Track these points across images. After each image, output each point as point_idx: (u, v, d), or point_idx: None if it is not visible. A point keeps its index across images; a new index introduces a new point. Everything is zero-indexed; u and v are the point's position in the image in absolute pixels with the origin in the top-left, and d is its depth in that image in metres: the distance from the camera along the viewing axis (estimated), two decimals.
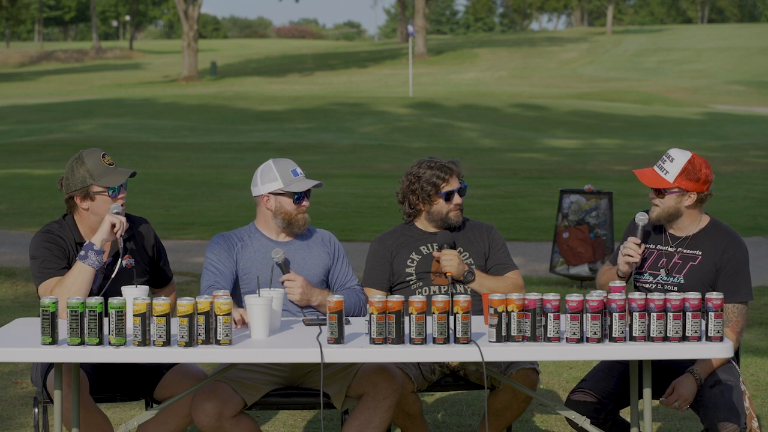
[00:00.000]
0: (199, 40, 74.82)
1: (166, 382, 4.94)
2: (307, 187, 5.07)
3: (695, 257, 4.91)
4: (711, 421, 4.71)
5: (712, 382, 4.81)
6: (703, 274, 4.88)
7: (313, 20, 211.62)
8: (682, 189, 4.86)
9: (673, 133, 35.57)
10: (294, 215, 5.08)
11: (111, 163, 4.96)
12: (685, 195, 4.88)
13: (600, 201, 10.40)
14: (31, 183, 19.68)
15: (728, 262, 4.87)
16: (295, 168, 5.11)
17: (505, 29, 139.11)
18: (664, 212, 4.90)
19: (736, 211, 16.23)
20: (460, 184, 5.31)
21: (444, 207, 5.29)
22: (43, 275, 4.86)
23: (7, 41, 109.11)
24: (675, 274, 4.92)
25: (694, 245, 4.93)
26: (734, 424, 4.68)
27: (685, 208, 4.90)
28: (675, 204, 4.88)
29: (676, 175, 4.85)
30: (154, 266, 5.15)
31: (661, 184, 4.87)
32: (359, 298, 5.12)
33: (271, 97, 46.85)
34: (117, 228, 4.83)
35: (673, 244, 4.96)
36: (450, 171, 5.29)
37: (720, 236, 4.92)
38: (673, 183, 4.86)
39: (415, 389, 5.07)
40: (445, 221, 5.31)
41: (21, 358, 4.85)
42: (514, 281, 5.33)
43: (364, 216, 16.00)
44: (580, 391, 4.93)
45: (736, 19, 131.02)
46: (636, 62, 73.04)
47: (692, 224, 4.94)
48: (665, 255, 4.96)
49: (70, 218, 4.98)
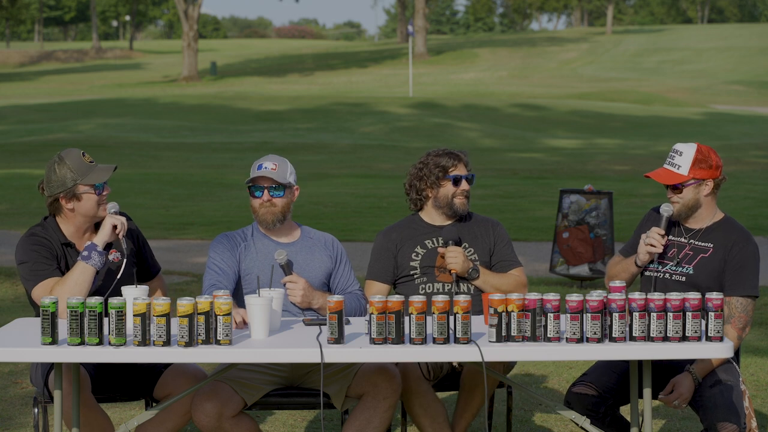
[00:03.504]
0: (199, 40, 74.81)
1: (165, 380, 4.93)
2: (253, 176, 4.99)
3: (707, 249, 4.93)
4: (710, 421, 4.71)
5: (711, 382, 4.81)
6: (713, 268, 4.90)
7: (313, 20, 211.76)
8: (698, 179, 4.91)
9: (673, 133, 35.55)
10: (257, 210, 5.04)
11: (91, 161, 4.92)
12: (702, 184, 4.93)
13: (600, 201, 10.40)
14: (31, 183, 19.63)
15: (736, 255, 4.88)
16: (263, 162, 5.04)
17: (505, 29, 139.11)
18: (684, 207, 4.94)
19: (736, 211, 16.22)
20: (468, 173, 5.34)
21: (451, 190, 5.32)
22: (37, 278, 4.84)
23: (7, 41, 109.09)
24: (685, 264, 4.94)
25: (707, 238, 4.96)
26: (733, 425, 4.68)
27: (704, 198, 4.95)
28: (694, 195, 4.93)
29: (689, 167, 4.91)
30: (139, 258, 5.14)
31: (677, 179, 4.92)
32: (360, 303, 5.11)
33: (271, 97, 46.85)
34: (119, 229, 4.84)
35: (686, 236, 4.99)
36: (458, 158, 5.34)
37: (732, 231, 4.95)
38: (688, 175, 4.90)
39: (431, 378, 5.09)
40: (451, 207, 5.32)
41: (21, 358, 4.85)
42: (518, 278, 5.34)
43: (364, 216, 16.00)
44: (581, 384, 4.95)
45: (736, 19, 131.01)
46: (636, 62, 73.04)
47: (708, 216, 4.98)
48: (677, 245, 4.99)
49: (51, 220, 4.94)
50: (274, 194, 5.00)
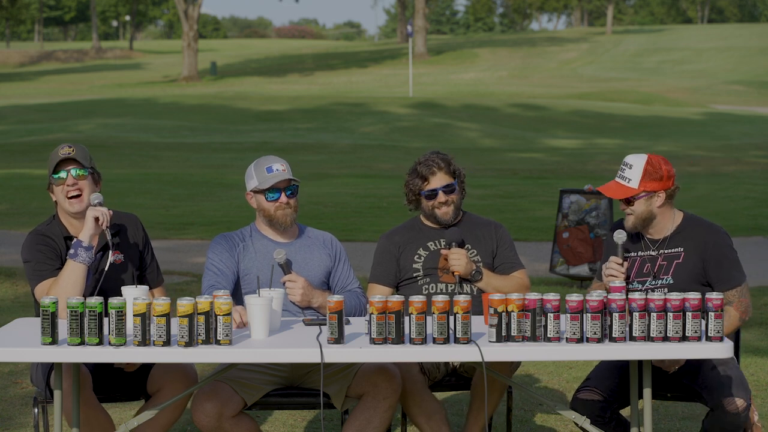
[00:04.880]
0: (199, 40, 74.80)
1: (154, 375, 4.93)
2: (272, 182, 5.00)
3: (678, 255, 4.91)
4: (717, 400, 4.69)
5: (712, 365, 4.80)
6: (691, 270, 4.89)
7: (313, 20, 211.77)
8: (649, 191, 4.87)
9: (673, 133, 35.56)
10: (272, 213, 5.04)
11: (66, 153, 4.91)
12: (654, 196, 4.89)
13: (600, 201, 10.40)
14: (31, 183, 19.66)
15: (712, 253, 4.87)
16: (272, 165, 5.04)
17: (505, 29, 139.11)
18: (638, 219, 4.91)
19: (736, 211, 16.23)
20: (448, 182, 5.30)
21: (428, 205, 5.31)
22: (39, 277, 4.87)
23: (7, 41, 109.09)
24: (662, 276, 4.92)
25: (675, 243, 4.93)
26: (741, 399, 4.66)
27: (658, 209, 4.91)
28: (646, 208, 4.89)
29: (638, 180, 4.87)
30: (143, 261, 5.14)
31: (627, 193, 4.89)
32: (359, 301, 5.11)
33: (271, 97, 46.85)
34: (101, 221, 4.81)
35: (654, 248, 4.96)
36: (431, 170, 5.29)
37: (697, 229, 4.93)
38: (639, 188, 4.87)
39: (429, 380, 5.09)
40: (435, 218, 5.32)
41: (21, 358, 4.85)
42: (521, 281, 5.34)
43: (364, 216, 16.01)
44: (586, 389, 4.93)
45: (736, 19, 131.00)
46: (636, 62, 73.03)
47: (668, 223, 4.95)
48: (648, 260, 4.96)
49: (57, 215, 5.02)
50: (290, 195, 5.03)
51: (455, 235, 5.29)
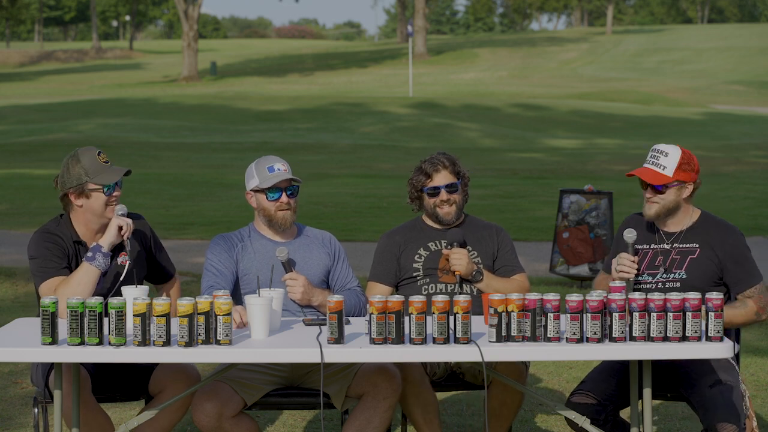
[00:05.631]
0: (199, 40, 74.81)
1: (157, 376, 4.93)
2: (273, 182, 5.00)
3: (693, 250, 4.91)
4: (710, 422, 4.70)
5: (711, 382, 4.79)
6: (705, 266, 4.88)
7: (313, 20, 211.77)
8: (681, 181, 4.89)
9: (673, 133, 35.56)
10: (272, 212, 5.04)
11: (106, 161, 4.97)
12: (684, 187, 4.91)
13: (600, 201, 10.40)
14: (31, 183, 19.68)
15: (731, 253, 4.87)
16: (273, 164, 5.04)
17: (505, 29, 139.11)
18: (664, 208, 4.91)
19: (736, 211, 16.23)
20: (451, 181, 5.32)
21: (429, 203, 5.32)
22: (45, 275, 4.86)
23: (7, 41, 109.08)
24: (675, 270, 4.91)
25: (690, 238, 4.93)
26: (733, 425, 4.67)
27: (683, 201, 4.93)
28: (675, 198, 4.90)
29: (674, 168, 4.87)
30: (151, 261, 5.15)
31: (663, 179, 4.88)
32: (359, 300, 5.11)
33: (271, 97, 46.85)
34: (124, 230, 4.86)
35: (668, 241, 4.96)
36: (435, 167, 5.32)
37: (715, 228, 4.94)
38: (673, 177, 4.87)
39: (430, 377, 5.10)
40: (437, 217, 5.33)
41: (21, 358, 4.85)
42: (521, 284, 5.34)
43: (364, 216, 16.01)
44: (579, 393, 4.92)
45: (736, 19, 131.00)
46: (636, 62, 73.03)
47: (685, 218, 4.96)
48: (661, 253, 4.95)
49: (66, 217, 4.99)
50: (291, 195, 5.03)
51: (457, 235, 5.30)
